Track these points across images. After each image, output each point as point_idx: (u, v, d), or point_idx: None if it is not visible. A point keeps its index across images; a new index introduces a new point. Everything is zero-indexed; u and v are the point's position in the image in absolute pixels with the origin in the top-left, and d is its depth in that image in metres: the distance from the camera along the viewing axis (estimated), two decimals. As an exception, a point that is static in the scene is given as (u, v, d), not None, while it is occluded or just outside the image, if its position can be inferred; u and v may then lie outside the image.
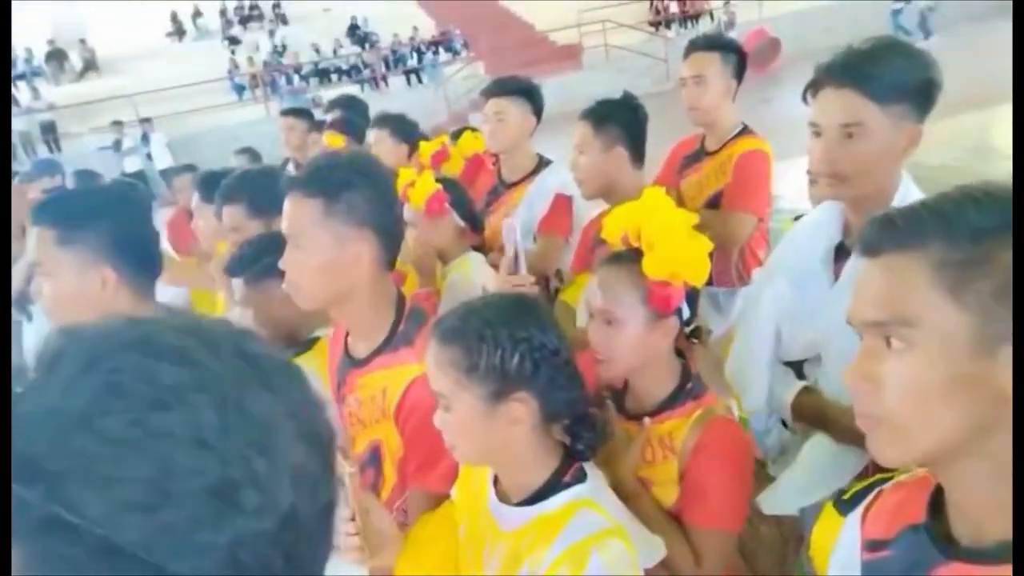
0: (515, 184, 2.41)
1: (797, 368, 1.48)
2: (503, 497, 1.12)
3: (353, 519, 1.10)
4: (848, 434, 1.30)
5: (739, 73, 2.27)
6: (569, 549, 0.99)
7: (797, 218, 1.69)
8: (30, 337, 2.31)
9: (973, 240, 0.65)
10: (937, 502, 0.75)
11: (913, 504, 0.77)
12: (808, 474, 1.37)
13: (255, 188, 1.93)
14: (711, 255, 1.24)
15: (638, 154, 1.96)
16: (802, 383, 1.46)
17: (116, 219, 1.34)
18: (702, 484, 1.22)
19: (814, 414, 1.40)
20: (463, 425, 1.05)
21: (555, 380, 1.05)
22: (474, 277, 1.97)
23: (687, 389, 1.28)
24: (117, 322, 0.46)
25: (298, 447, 0.46)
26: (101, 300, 1.30)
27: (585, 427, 1.10)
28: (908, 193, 1.32)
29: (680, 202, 2.33)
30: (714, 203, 2.29)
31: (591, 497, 1.06)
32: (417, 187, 1.96)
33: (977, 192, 0.68)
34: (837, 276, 1.37)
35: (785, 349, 1.49)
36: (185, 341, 0.45)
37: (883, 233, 0.70)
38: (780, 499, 1.38)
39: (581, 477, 1.08)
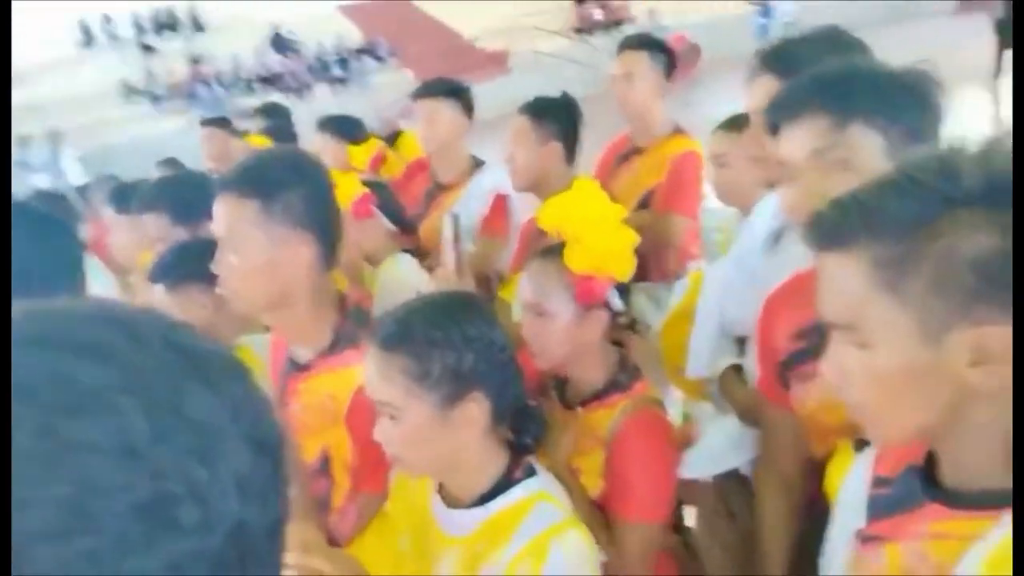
0: (449, 185, 2.39)
1: (744, 344, 1.57)
2: (450, 502, 1.08)
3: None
4: (746, 415, 1.40)
5: (669, 72, 2.32)
6: (529, 545, 0.98)
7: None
8: None
9: (900, 235, 0.65)
10: None
11: (917, 446, 0.79)
12: (721, 443, 1.46)
13: (176, 195, 1.87)
14: (645, 251, 1.26)
15: (571, 151, 2.02)
16: (731, 361, 1.56)
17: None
18: (623, 475, 1.24)
19: (729, 392, 1.54)
20: (413, 435, 1.00)
21: (505, 376, 1.04)
22: (405, 279, 1.94)
23: (619, 380, 1.30)
24: (19, 311, 0.39)
25: (244, 453, 0.40)
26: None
27: (529, 420, 1.09)
28: None
29: (614, 201, 2.36)
30: (647, 201, 2.32)
31: (545, 490, 1.05)
32: (342, 189, 1.92)
33: (899, 178, 0.67)
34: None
35: (732, 326, 1.58)
36: (105, 334, 0.39)
37: (821, 232, 0.71)
38: (693, 464, 1.46)
39: (531, 471, 1.07)
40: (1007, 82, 8.70)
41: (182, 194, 1.86)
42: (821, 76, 1.05)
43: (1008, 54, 8.75)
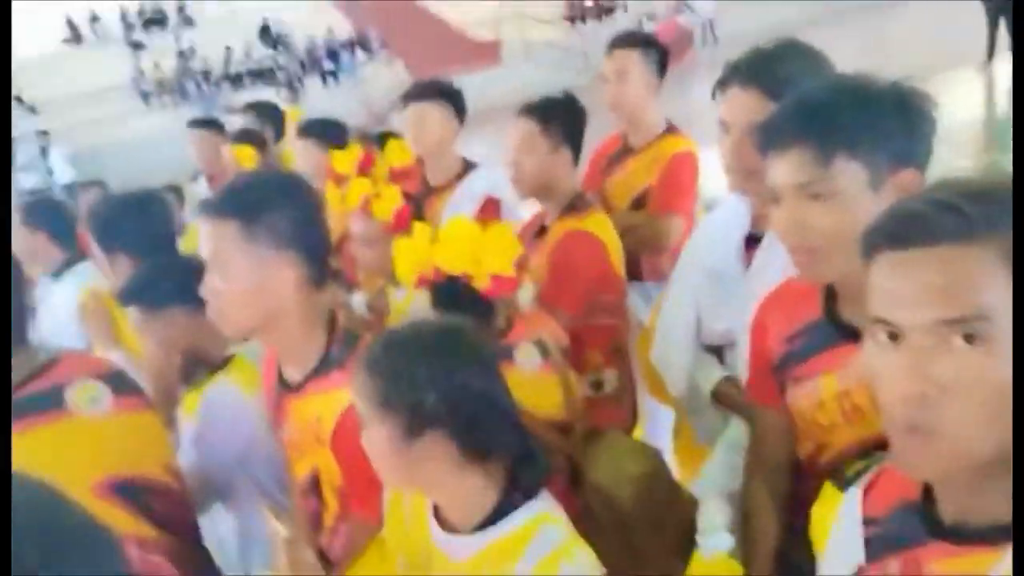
0: (441, 188, 2.37)
1: (719, 353, 1.56)
2: (449, 527, 1.06)
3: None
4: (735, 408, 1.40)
5: (661, 70, 2.28)
6: (537, 566, 0.97)
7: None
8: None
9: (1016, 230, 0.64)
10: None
11: (912, 481, 0.76)
12: (735, 452, 1.43)
13: (99, 220, 1.76)
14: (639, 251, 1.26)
15: (577, 155, 1.94)
16: (723, 373, 1.53)
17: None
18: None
19: (731, 403, 1.49)
20: (380, 454, 1.02)
21: (476, 420, 0.99)
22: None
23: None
24: None
25: None
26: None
27: (526, 465, 1.04)
28: None
29: (605, 203, 2.35)
30: (640, 201, 2.30)
31: (548, 512, 1.03)
32: (384, 199, 1.86)
33: (1000, 180, 0.67)
34: (748, 264, 1.43)
35: (706, 336, 1.56)
36: None
37: (942, 222, 0.64)
38: (715, 479, 1.44)
39: (531, 492, 1.05)
40: (1000, 65, 8.71)
41: (104, 220, 1.75)
42: (807, 105, 1.04)
43: (1000, 37, 8.72)
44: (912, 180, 1.01)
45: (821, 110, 1.02)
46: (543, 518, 1.02)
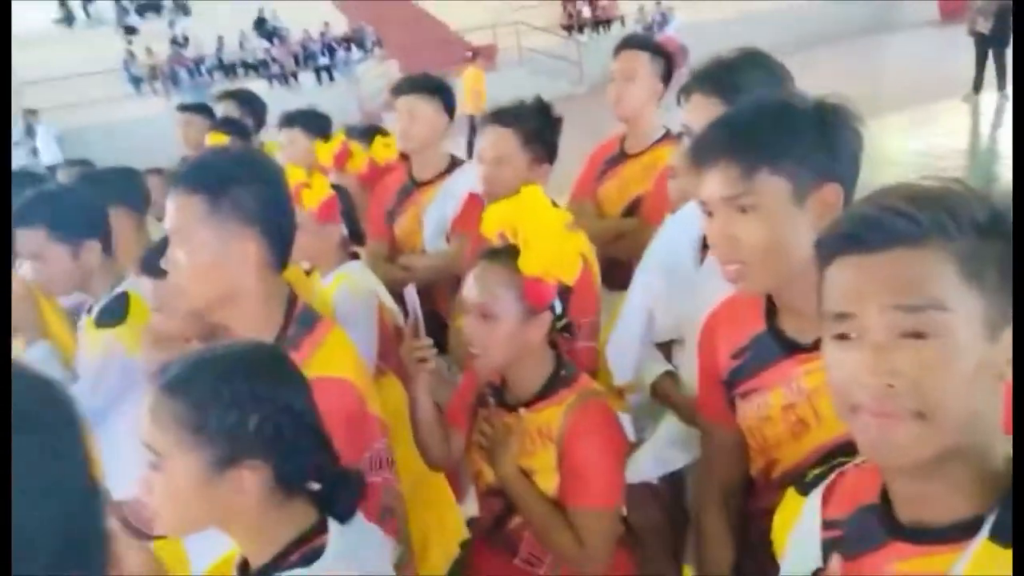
0: (426, 183, 2.37)
1: (667, 349, 1.63)
2: (246, 571, 0.97)
3: None
4: (691, 418, 1.44)
5: (666, 78, 2.29)
6: None
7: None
8: None
9: (976, 231, 0.68)
10: None
11: (870, 484, 0.78)
12: (665, 445, 1.53)
13: (55, 209, 1.71)
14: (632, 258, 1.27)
15: (551, 165, 1.93)
16: (664, 367, 1.61)
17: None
18: (578, 466, 1.29)
19: (668, 397, 1.58)
20: (175, 492, 0.89)
21: (297, 445, 0.92)
22: (363, 285, 1.90)
23: (560, 377, 1.35)
24: None
25: None
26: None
27: (340, 490, 0.97)
28: None
29: (599, 208, 2.35)
30: (633, 208, 2.30)
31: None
32: (314, 189, 1.87)
33: (958, 186, 0.71)
34: (701, 262, 1.49)
35: (657, 331, 1.62)
36: None
37: (896, 227, 0.68)
38: (640, 468, 1.51)
39: (314, 555, 0.92)
40: (987, 97, 8.85)
41: (61, 208, 1.70)
42: (732, 123, 1.09)
43: (987, 68, 8.85)
44: (835, 195, 1.05)
45: (745, 127, 1.07)
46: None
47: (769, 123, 1.06)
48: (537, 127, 1.87)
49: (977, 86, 9.00)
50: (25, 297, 1.74)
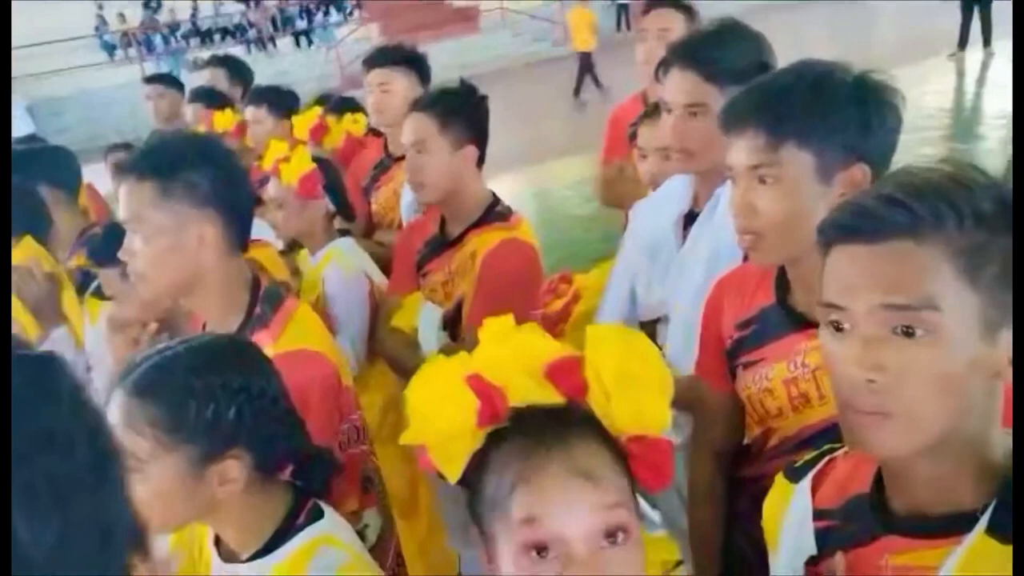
0: (402, 158, 2.30)
1: (651, 330, 1.59)
2: (229, 555, 0.99)
3: None
4: (676, 401, 1.42)
5: None
6: None
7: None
8: None
9: (979, 225, 0.65)
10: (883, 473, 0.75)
11: (862, 474, 0.77)
12: None
13: None
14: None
15: (483, 155, 1.73)
16: None
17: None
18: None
19: None
20: (159, 494, 0.88)
21: (274, 431, 0.94)
22: (355, 265, 1.87)
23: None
24: None
25: None
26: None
27: (314, 470, 0.99)
28: None
29: (634, 171, 2.26)
30: None
31: (330, 533, 0.97)
32: (292, 163, 1.83)
33: (968, 173, 0.68)
34: (684, 240, 1.47)
35: (640, 310, 1.60)
36: None
37: (891, 218, 0.66)
38: None
39: (317, 514, 0.97)
40: (972, 54, 8.79)
41: None
42: (765, 91, 1.06)
43: (972, 27, 8.78)
44: (862, 175, 1.01)
45: (777, 96, 1.03)
46: (323, 540, 0.95)
47: (803, 94, 1.02)
48: (455, 110, 1.70)
49: (962, 43, 8.94)
50: (46, 284, 1.78)
